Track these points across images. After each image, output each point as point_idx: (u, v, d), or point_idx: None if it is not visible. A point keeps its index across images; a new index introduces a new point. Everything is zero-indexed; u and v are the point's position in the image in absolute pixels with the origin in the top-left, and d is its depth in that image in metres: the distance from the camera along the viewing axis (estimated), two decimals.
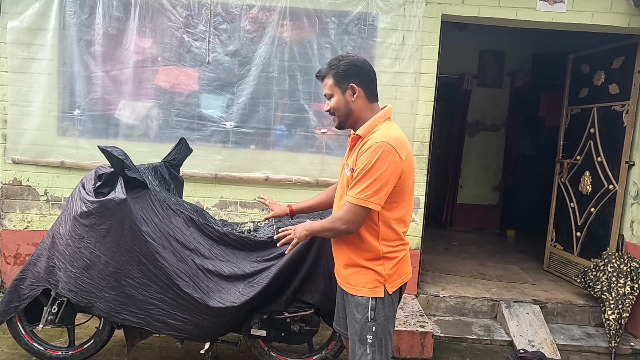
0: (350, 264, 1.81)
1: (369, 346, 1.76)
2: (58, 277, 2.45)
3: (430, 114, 3.57)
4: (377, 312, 1.76)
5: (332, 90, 1.80)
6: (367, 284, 1.77)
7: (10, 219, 3.63)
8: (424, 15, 3.48)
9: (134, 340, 2.61)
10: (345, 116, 1.82)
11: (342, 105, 1.81)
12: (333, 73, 1.80)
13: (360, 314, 1.77)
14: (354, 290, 1.80)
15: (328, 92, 1.82)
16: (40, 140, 3.56)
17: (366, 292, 1.77)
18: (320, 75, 1.84)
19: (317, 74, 1.85)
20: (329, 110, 1.85)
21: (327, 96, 1.84)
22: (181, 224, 2.44)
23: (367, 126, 1.77)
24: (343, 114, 1.82)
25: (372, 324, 1.76)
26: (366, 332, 1.76)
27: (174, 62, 3.55)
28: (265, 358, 2.64)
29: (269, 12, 3.50)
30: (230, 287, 2.40)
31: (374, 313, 1.76)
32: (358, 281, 1.79)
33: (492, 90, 6.10)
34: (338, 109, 1.82)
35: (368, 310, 1.76)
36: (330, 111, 1.85)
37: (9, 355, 2.80)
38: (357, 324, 1.78)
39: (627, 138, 3.67)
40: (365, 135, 1.76)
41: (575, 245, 4.15)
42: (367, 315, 1.76)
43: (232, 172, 3.61)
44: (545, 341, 3.32)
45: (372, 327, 1.76)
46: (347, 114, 1.82)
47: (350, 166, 1.78)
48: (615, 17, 3.49)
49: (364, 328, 1.76)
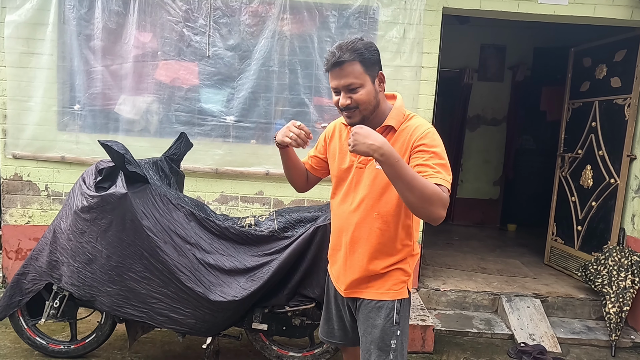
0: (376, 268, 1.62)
1: (391, 352, 1.60)
2: (61, 272, 2.46)
3: (431, 107, 3.56)
4: (402, 314, 1.63)
5: (361, 79, 1.49)
6: (394, 286, 1.63)
7: (12, 214, 3.63)
8: (425, 8, 3.46)
9: (135, 335, 2.62)
10: (372, 110, 1.55)
11: (372, 96, 1.53)
12: (360, 59, 1.48)
13: (382, 319, 1.61)
14: (378, 295, 1.63)
15: (356, 82, 1.49)
16: (41, 135, 3.56)
17: (392, 295, 1.62)
18: (342, 60, 1.47)
19: (337, 60, 1.47)
20: (348, 105, 1.51)
21: (348, 87, 1.50)
22: (182, 219, 2.45)
23: (397, 115, 1.57)
24: (372, 107, 1.54)
25: (396, 328, 1.61)
26: (390, 337, 1.60)
27: (174, 57, 3.54)
28: (267, 352, 2.65)
29: (269, 5, 3.49)
30: (232, 281, 2.40)
31: (398, 316, 1.62)
32: (382, 285, 1.63)
33: (493, 84, 6.08)
34: (367, 102, 1.52)
35: (393, 314, 1.61)
36: (351, 105, 1.51)
37: (11, 350, 2.81)
38: (378, 330, 1.61)
39: (629, 131, 3.66)
40: (398, 125, 1.56)
41: (576, 239, 4.15)
42: (392, 320, 1.61)
43: (233, 167, 3.61)
44: (546, 335, 3.33)
45: (397, 330, 1.61)
46: (375, 106, 1.55)
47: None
48: (618, 10, 3.47)
49: (387, 333, 1.61)
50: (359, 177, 1.63)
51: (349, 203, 1.65)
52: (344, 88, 1.50)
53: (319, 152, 1.85)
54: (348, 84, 1.49)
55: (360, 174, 1.62)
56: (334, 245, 1.76)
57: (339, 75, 1.50)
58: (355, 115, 1.54)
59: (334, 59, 1.48)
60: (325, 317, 1.89)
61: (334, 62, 1.48)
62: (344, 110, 1.54)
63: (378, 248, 1.61)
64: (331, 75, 1.52)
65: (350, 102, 1.51)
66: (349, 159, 1.65)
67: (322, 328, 1.92)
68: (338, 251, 1.73)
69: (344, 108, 1.53)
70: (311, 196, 3.62)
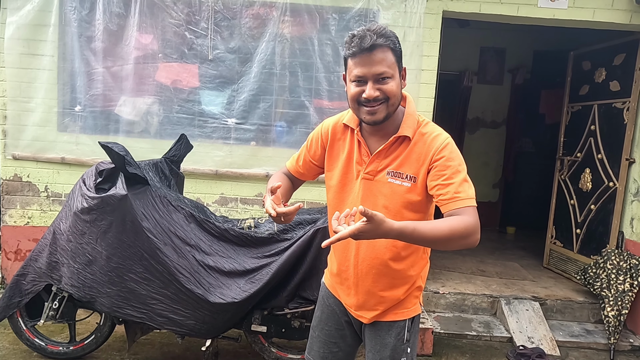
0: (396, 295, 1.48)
1: None
2: (61, 273, 2.46)
3: (430, 110, 3.56)
4: (412, 331, 1.52)
5: (393, 69, 1.31)
6: (407, 306, 1.51)
7: (11, 214, 3.63)
8: (425, 11, 3.47)
9: (134, 336, 2.62)
10: (396, 108, 1.37)
11: (399, 92, 1.36)
12: (392, 47, 1.31)
13: (393, 337, 1.50)
14: (391, 316, 1.50)
15: (387, 71, 1.30)
16: (41, 136, 3.56)
17: (405, 315, 1.50)
18: (375, 44, 1.27)
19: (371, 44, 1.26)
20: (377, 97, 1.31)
21: (379, 77, 1.30)
22: (182, 220, 2.45)
23: (412, 123, 1.40)
24: (398, 103, 1.37)
25: (406, 345, 1.51)
26: (400, 355, 1.50)
27: (175, 59, 3.55)
28: (266, 354, 2.65)
29: (269, 8, 3.50)
30: (231, 283, 2.40)
31: (409, 334, 1.51)
32: (398, 307, 1.50)
33: (493, 87, 6.09)
34: (396, 96, 1.34)
35: (404, 332, 1.50)
36: (379, 97, 1.31)
37: (10, 351, 2.81)
38: (389, 349, 1.50)
39: (628, 135, 3.67)
40: (413, 135, 1.38)
41: (575, 243, 4.15)
42: (403, 338, 1.50)
43: (233, 169, 3.62)
44: (545, 337, 3.33)
45: (407, 348, 1.51)
46: (399, 103, 1.38)
47: (408, 174, 1.38)
48: (617, 14, 3.48)
49: (397, 352, 1.49)
50: (367, 190, 1.43)
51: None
52: (374, 77, 1.30)
53: (311, 158, 1.62)
54: (380, 72, 1.29)
55: (369, 186, 1.43)
56: (340, 264, 1.54)
57: (369, 62, 1.28)
58: (380, 111, 1.33)
59: (365, 42, 1.27)
60: (319, 338, 1.63)
61: (367, 46, 1.26)
62: (367, 103, 1.32)
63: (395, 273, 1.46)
64: (357, 61, 1.30)
65: (379, 93, 1.31)
66: (355, 167, 1.46)
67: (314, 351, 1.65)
68: (346, 270, 1.52)
69: (371, 100, 1.31)
70: (311, 198, 3.62)
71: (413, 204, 1.39)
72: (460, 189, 1.30)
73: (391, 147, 1.41)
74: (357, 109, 1.37)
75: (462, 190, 1.30)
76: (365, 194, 1.43)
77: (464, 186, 1.31)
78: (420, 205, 1.41)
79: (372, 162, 1.42)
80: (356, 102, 1.35)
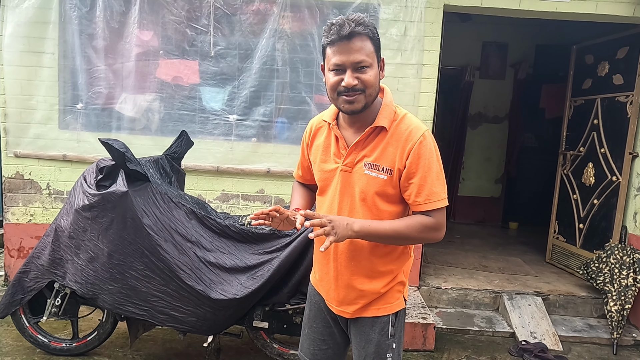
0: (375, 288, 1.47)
1: None
2: (65, 269, 2.46)
3: (432, 105, 3.55)
4: (397, 326, 1.51)
5: (371, 58, 1.31)
6: (389, 301, 1.49)
7: (13, 212, 3.64)
8: (426, 5, 3.44)
9: (137, 333, 2.62)
10: (374, 98, 1.37)
11: (377, 82, 1.35)
12: (371, 36, 1.31)
13: (377, 333, 1.48)
14: (373, 312, 1.49)
15: (365, 60, 1.30)
16: (42, 134, 3.56)
17: (388, 310, 1.49)
18: (354, 32, 1.27)
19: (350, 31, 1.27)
20: (355, 86, 1.31)
21: (358, 65, 1.30)
22: (183, 217, 2.45)
23: (388, 114, 1.39)
24: (375, 93, 1.36)
25: (391, 341, 1.49)
26: (385, 351, 1.48)
27: (176, 55, 3.54)
28: (268, 350, 2.66)
29: (270, 4, 3.48)
30: (232, 279, 2.41)
31: (393, 329, 1.49)
32: (378, 302, 1.48)
33: (495, 81, 6.06)
34: (374, 86, 1.34)
35: (388, 327, 1.48)
36: (357, 87, 1.31)
37: (13, 348, 2.82)
38: (373, 345, 1.48)
39: (631, 129, 3.65)
40: (390, 125, 1.39)
41: (578, 237, 4.14)
42: (387, 333, 1.48)
43: (234, 165, 3.61)
44: (547, 333, 3.33)
45: (392, 343, 1.49)
46: (376, 95, 1.38)
47: (384, 167, 1.37)
48: (620, 7, 3.45)
49: (382, 347, 1.48)
50: (345, 182, 1.43)
51: (335, 210, 1.45)
52: (352, 65, 1.30)
53: (307, 161, 1.62)
54: (358, 60, 1.29)
55: (347, 178, 1.43)
56: (321, 258, 1.55)
57: (348, 50, 1.28)
58: (358, 101, 1.33)
59: (344, 30, 1.27)
60: (309, 335, 1.64)
61: (345, 34, 1.27)
62: (346, 92, 1.32)
63: (374, 266, 1.45)
64: (335, 49, 1.30)
65: (357, 82, 1.31)
66: (333, 159, 1.46)
67: (304, 348, 1.65)
68: (326, 265, 1.52)
69: (349, 89, 1.31)
70: None
71: (389, 196, 1.40)
72: (429, 192, 1.34)
73: (368, 138, 1.41)
74: (336, 98, 1.37)
75: (431, 193, 1.34)
76: (343, 186, 1.44)
77: (433, 188, 1.35)
78: (396, 198, 1.41)
79: (350, 154, 1.43)
80: (335, 91, 1.35)
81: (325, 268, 1.54)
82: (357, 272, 1.47)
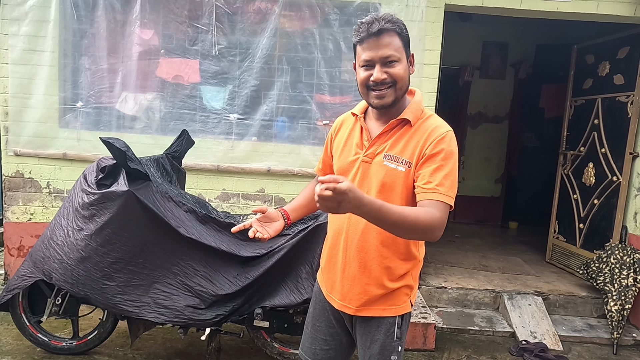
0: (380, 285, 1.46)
1: None
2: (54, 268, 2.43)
3: (433, 105, 3.54)
4: (403, 329, 1.51)
5: (400, 53, 1.35)
6: (395, 302, 1.48)
7: (13, 211, 3.64)
8: (427, 5, 3.44)
9: (137, 332, 2.62)
10: (404, 92, 1.40)
11: (407, 76, 1.38)
12: (399, 32, 1.35)
13: (382, 334, 1.48)
14: (377, 312, 1.49)
15: (394, 55, 1.34)
16: (42, 133, 3.56)
17: (394, 312, 1.48)
18: (382, 29, 1.32)
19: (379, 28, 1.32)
20: (384, 80, 1.35)
21: (385, 60, 1.34)
22: (183, 216, 2.44)
23: (416, 110, 1.42)
24: (405, 87, 1.39)
25: (397, 343, 1.49)
26: (390, 352, 1.48)
27: (177, 54, 3.53)
28: (268, 349, 2.65)
29: (271, 3, 3.48)
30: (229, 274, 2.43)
31: (400, 331, 1.49)
32: (385, 302, 1.48)
33: (495, 81, 6.06)
34: (404, 80, 1.37)
35: (394, 329, 1.48)
36: (387, 80, 1.35)
37: (13, 346, 2.82)
38: (378, 345, 1.48)
39: (632, 129, 3.65)
40: (416, 121, 1.41)
41: (578, 237, 4.14)
42: (392, 335, 1.48)
43: (234, 164, 3.61)
44: (548, 332, 3.33)
45: (398, 346, 1.49)
46: (406, 90, 1.41)
47: (404, 159, 1.38)
48: (621, 7, 3.45)
49: (387, 349, 1.48)
50: (364, 172, 1.44)
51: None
52: (381, 60, 1.34)
53: (326, 155, 1.68)
54: (387, 55, 1.33)
55: (367, 168, 1.44)
56: (331, 248, 1.55)
57: (376, 46, 1.33)
58: (389, 95, 1.37)
59: (373, 27, 1.32)
60: (311, 333, 1.64)
61: (374, 31, 1.32)
62: (376, 87, 1.36)
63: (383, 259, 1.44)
64: (365, 46, 1.35)
65: (386, 76, 1.34)
66: (354, 150, 1.48)
67: (305, 347, 1.65)
68: (335, 255, 1.53)
69: (378, 83, 1.35)
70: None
71: (405, 189, 1.40)
72: (440, 183, 1.32)
73: (392, 130, 1.43)
74: (367, 93, 1.41)
75: (441, 184, 1.32)
76: (362, 176, 1.45)
77: (444, 181, 1.32)
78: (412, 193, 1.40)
79: (372, 145, 1.45)
80: (365, 86, 1.39)
81: (334, 258, 1.54)
82: (365, 264, 1.46)
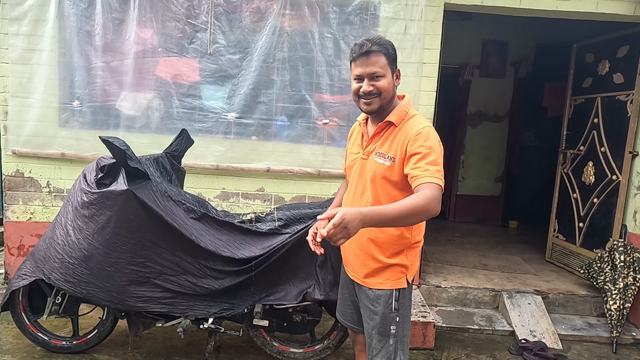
0: (375, 260, 1.74)
1: (392, 337, 1.73)
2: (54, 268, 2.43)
3: (432, 104, 3.54)
4: (400, 302, 1.74)
5: (384, 69, 1.66)
6: (391, 277, 1.74)
7: (14, 210, 3.64)
8: (426, 4, 3.44)
9: (137, 330, 2.62)
10: (389, 100, 1.71)
11: (391, 87, 1.69)
12: (385, 52, 1.66)
13: (382, 306, 1.73)
14: (377, 284, 1.75)
15: (379, 71, 1.65)
16: (41, 132, 3.56)
17: (390, 285, 1.73)
18: (370, 50, 1.63)
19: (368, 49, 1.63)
20: (370, 92, 1.67)
21: (372, 75, 1.66)
22: (183, 215, 2.45)
23: (399, 113, 1.71)
24: (389, 97, 1.70)
25: (395, 314, 1.73)
26: (389, 323, 1.73)
27: (175, 53, 3.53)
28: (268, 348, 2.66)
29: (269, 1, 3.47)
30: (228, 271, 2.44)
31: (397, 303, 1.73)
32: (380, 276, 1.74)
33: (495, 80, 6.06)
34: (387, 91, 1.68)
35: (392, 301, 1.72)
36: (373, 92, 1.67)
37: (14, 345, 2.82)
38: (378, 316, 1.74)
39: (632, 128, 3.64)
40: (399, 122, 1.70)
41: (578, 236, 4.14)
42: (390, 307, 1.72)
43: (234, 163, 3.61)
44: (547, 331, 3.33)
45: (396, 317, 1.73)
46: (391, 99, 1.71)
47: (389, 155, 1.67)
48: (621, 5, 3.45)
49: (387, 319, 1.73)
50: (362, 167, 1.77)
51: (351, 192, 1.82)
52: (369, 75, 1.65)
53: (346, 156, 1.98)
54: (373, 72, 1.65)
55: (364, 164, 1.77)
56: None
57: (366, 64, 1.65)
58: (374, 103, 1.68)
59: (363, 49, 1.63)
60: (340, 297, 2.01)
61: (364, 52, 1.63)
62: (364, 97, 1.68)
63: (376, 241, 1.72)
64: (357, 64, 1.67)
65: (372, 89, 1.66)
66: (357, 150, 1.83)
67: (338, 307, 2.04)
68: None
69: (366, 94, 1.67)
70: (312, 193, 3.62)
71: (392, 181, 1.67)
72: (424, 169, 1.54)
73: (381, 132, 1.74)
74: (358, 101, 1.74)
75: (425, 169, 1.54)
76: (360, 171, 1.78)
77: (428, 166, 1.54)
78: (399, 184, 1.67)
79: (368, 144, 1.78)
80: (357, 95, 1.72)
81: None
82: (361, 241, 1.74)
